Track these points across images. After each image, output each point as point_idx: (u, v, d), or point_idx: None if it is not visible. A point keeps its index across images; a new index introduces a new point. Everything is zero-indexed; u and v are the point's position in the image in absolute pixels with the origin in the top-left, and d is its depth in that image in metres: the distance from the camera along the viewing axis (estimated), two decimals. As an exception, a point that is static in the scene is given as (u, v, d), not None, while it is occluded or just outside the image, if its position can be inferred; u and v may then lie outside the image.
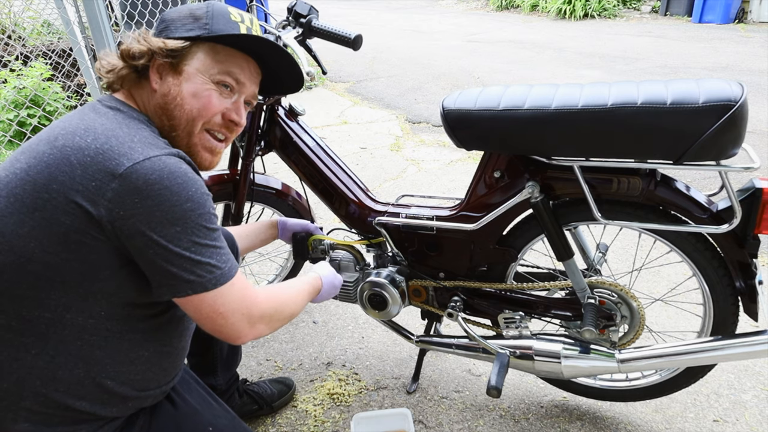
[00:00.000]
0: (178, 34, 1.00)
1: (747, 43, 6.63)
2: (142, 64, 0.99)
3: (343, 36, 1.55)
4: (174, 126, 1.01)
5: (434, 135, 4.25)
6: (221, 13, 1.02)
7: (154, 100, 1.01)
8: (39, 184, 0.83)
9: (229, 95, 1.05)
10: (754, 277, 1.29)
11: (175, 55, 0.99)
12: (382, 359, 1.92)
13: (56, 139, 0.87)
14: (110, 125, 0.90)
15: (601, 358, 1.39)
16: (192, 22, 1.01)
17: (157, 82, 1.00)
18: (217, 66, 1.02)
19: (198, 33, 1.00)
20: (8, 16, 5.01)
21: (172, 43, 0.98)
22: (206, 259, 0.89)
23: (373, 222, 1.59)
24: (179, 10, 1.03)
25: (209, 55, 1.01)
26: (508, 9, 11.32)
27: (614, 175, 1.28)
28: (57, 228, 0.83)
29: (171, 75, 1.00)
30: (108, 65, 1.00)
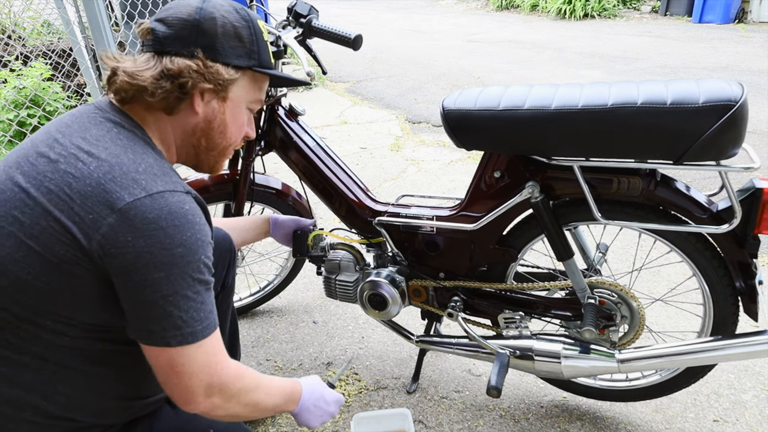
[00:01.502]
0: (229, 59, 0.94)
1: (747, 43, 6.63)
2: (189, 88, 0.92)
3: (343, 36, 1.55)
4: (210, 148, 1.01)
5: (434, 135, 4.25)
6: (260, 34, 1.00)
7: (194, 121, 0.97)
8: (37, 210, 0.80)
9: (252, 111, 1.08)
10: (754, 277, 1.29)
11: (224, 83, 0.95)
12: (382, 359, 1.92)
13: (57, 161, 0.83)
14: (114, 149, 0.85)
15: (601, 358, 1.39)
16: (239, 47, 0.96)
17: (199, 105, 0.95)
18: (255, 93, 1.03)
19: (248, 64, 0.98)
20: (8, 16, 5.01)
21: (227, 75, 0.94)
22: (179, 312, 0.83)
23: (373, 222, 1.59)
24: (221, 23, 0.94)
25: (251, 84, 1.02)
26: (508, 9, 11.32)
27: (614, 175, 1.28)
28: (50, 256, 0.80)
29: (216, 100, 0.97)
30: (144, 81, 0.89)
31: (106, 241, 0.79)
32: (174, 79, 0.90)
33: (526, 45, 7.47)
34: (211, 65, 0.92)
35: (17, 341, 0.86)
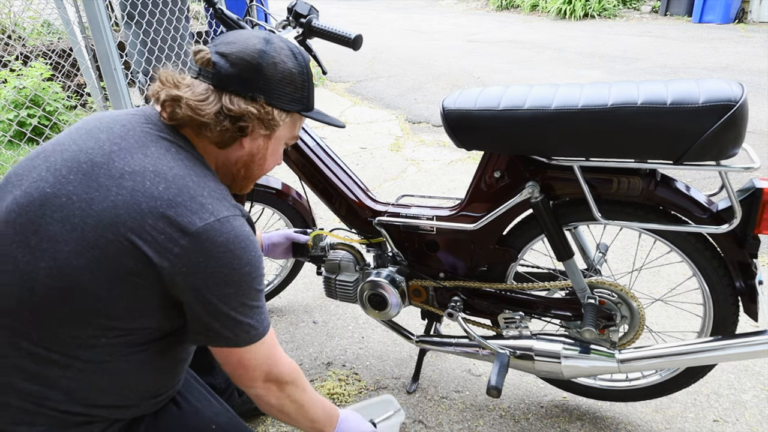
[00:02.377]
0: (283, 105, 1.00)
1: (747, 43, 6.63)
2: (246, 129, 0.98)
3: (343, 36, 1.55)
4: (247, 177, 1.07)
5: (434, 135, 4.25)
6: (311, 79, 1.05)
7: (238, 154, 1.02)
8: (104, 223, 0.82)
9: None
10: (754, 277, 1.29)
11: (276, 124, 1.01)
12: (382, 359, 1.92)
13: (122, 176, 0.85)
14: (179, 170, 0.89)
15: (601, 358, 1.39)
16: (293, 92, 1.01)
17: (246, 141, 1.01)
18: (294, 131, 1.09)
19: (298, 108, 1.03)
20: (8, 16, 5.01)
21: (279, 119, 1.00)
22: (247, 320, 0.94)
23: (373, 222, 1.59)
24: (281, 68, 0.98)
25: (293, 123, 1.07)
26: (508, 9, 11.32)
27: (614, 175, 1.28)
28: (116, 267, 0.83)
29: (262, 137, 1.02)
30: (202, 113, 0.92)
31: (178, 261, 0.84)
32: (235, 120, 0.95)
33: (526, 45, 7.47)
34: (269, 110, 0.98)
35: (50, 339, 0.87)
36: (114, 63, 2.43)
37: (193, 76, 0.96)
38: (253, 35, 0.98)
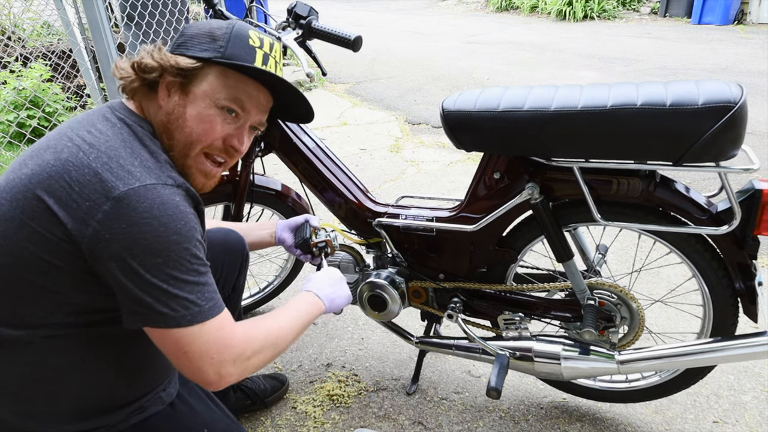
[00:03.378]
0: (192, 52, 0.98)
1: (746, 45, 6.64)
2: (152, 78, 0.98)
3: (343, 37, 1.55)
4: (171, 146, 0.99)
5: (434, 136, 4.26)
6: (239, 35, 1.00)
7: (159, 116, 0.99)
8: (38, 194, 0.85)
9: (234, 121, 1.02)
10: (754, 279, 1.29)
11: (186, 74, 0.97)
12: (381, 360, 1.92)
13: (62, 150, 0.88)
14: (114, 142, 0.90)
15: (600, 360, 1.39)
16: (208, 42, 0.98)
17: (164, 99, 0.99)
18: (225, 91, 0.99)
19: (210, 55, 0.97)
20: (8, 18, 5.01)
21: (184, 62, 0.96)
22: (185, 294, 0.87)
23: (373, 223, 1.59)
24: (200, 26, 1.00)
25: (219, 79, 0.99)
26: (507, 10, 11.32)
27: (614, 177, 1.28)
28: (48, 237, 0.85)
29: (178, 94, 0.99)
30: (122, 72, 1.00)
31: (101, 227, 0.83)
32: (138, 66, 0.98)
33: (525, 46, 7.48)
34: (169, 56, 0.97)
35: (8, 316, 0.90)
36: (114, 64, 2.43)
37: None
38: None
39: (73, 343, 0.93)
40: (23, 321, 0.90)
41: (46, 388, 0.94)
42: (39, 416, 0.95)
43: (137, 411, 1.04)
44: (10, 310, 0.89)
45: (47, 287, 0.88)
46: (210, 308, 0.91)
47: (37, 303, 0.89)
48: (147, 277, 0.85)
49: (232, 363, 0.93)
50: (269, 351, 1.01)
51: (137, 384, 1.04)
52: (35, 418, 0.95)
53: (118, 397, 1.01)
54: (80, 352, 0.94)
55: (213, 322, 0.91)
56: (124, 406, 1.02)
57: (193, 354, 0.89)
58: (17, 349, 0.91)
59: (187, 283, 0.88)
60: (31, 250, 0.85)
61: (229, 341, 0.93)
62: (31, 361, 0.92)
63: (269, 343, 1.01)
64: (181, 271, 0.87)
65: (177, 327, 0.87)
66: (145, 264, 0.84)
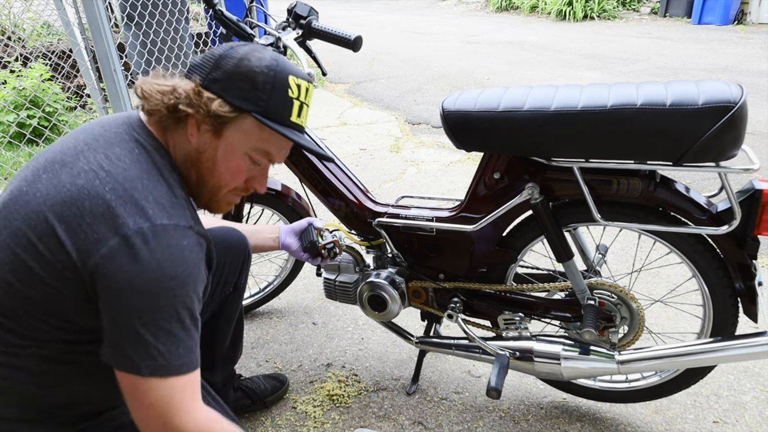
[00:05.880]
0: (230, 98, 0.93)
1: (746, 45, 6.64)
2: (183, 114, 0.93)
3: (343, 37, 1.55)
4: (200, 183, 0.99)
5: (434, 136, 4.26)
6: (281, 87, 0.95)
7: (186, 149, 0.97)
8: (48, 218, 0.84)
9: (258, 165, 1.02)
10: (754, 279, 1.29)
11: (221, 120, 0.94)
12: (381, 360, 1.92)
13: (78, 175, 0.86)
14: (132, 172, 0.88)
15: (600, 360, 1.39)
16: (249, 90, 0.93)
17: (193, 135, 0.96)
18: (257, 143, 0.98)
19: (251, 108, 0.94)
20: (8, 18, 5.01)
21: (222, 111, 0.92)
22: (157, 343, 0.83)
23: (373, 223, 1.59)
24: (240, 63, 0.93)
25: (254, 131, 0.97)
26: (507, 10, 11.32)
27: (614, 177, 1.28)
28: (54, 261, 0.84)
29: (209, 135, 0.95)
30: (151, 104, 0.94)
31: (103, 261, 0.82)
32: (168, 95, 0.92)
33: (525, 46, 7.48)
34: (203, 93, 0.92)
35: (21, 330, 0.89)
36: (114, 64, 2.44)
37: None
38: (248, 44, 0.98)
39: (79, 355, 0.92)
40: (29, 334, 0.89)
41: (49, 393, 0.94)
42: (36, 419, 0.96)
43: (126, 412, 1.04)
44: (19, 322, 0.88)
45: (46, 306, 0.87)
46: (178, 366, 0.85)
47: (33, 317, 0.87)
48: (128, 318, 0.82)
49: None
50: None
51: None
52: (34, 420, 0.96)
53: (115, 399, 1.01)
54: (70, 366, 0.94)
55: (176, 380, 0.85)
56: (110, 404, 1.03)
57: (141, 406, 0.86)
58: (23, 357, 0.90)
59: (165, 333, 0.84)
60: (36, 272, 0.84)
61: (183, 410, 0.86)
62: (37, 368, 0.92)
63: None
64: (164, 318, 0.84)
65: (135, 374, 0.84)
66: (132, 305, 0.82)
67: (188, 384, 0.87)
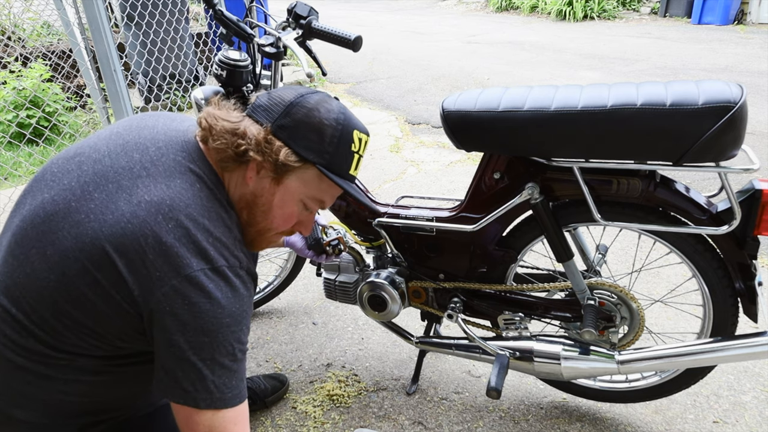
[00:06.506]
0: (296, 147, 0.94)
1: (746, 45, 6.64)
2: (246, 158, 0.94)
3: (343, 37, 1.55)
4: (250, 223, 1.00)
5: (434, 136, 4.26)
6: (346, 141, 0.97)
7: (243, 191, 0.98)
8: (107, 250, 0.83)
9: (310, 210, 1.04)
10: (754, 279, 1.29)
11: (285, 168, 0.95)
12: (381, 360, 1.92)
13: (139, 205, 0.85)
14: (194, 210, 0.88)
15: (600, 360, 1.39)
16: (316, 141, 0.94)
17: (252, 178, 0.96)
18: (315, 193, 1.00)
19: (315, 160, 0.95)
20: (8, 18, 5.01)
21: (289, 160, 0.93)
22: (214, 377, 0.87)
23: (373, 223, 1.59)
24: (311, 114, 0.94)
25: (313, 181, 0.98)
26: (507, 10, 11.32)
27: (614, 177, 1.28)
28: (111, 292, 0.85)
29: (269, 179, 0.96)
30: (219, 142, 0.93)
31: (165, 299, 0.83)
32: (237, 137, 0.92)
33: (525, 46, 7.48)
34: (273, 142, 0.93)
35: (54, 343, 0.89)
36: (114, 64, 2.44)
37: None
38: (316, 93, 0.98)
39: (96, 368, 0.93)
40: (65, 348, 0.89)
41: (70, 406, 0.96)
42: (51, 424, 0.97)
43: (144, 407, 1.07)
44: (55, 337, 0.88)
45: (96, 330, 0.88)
46: (231, 397, 0.89)
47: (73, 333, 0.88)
48: (188, 353, 0.85)
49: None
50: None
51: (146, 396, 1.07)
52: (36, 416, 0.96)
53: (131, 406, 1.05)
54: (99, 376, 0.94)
55: (229, 412, 0.89)
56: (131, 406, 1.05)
57: None
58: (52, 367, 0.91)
59: (222, 367, 0.88)
60: (89, 297, 0.85)
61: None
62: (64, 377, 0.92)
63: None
64: (221, 353, 0.87)
65: (194, 407, 0.87)
66: (192, 341, 0.85)
67: (240, 415, 0.91)
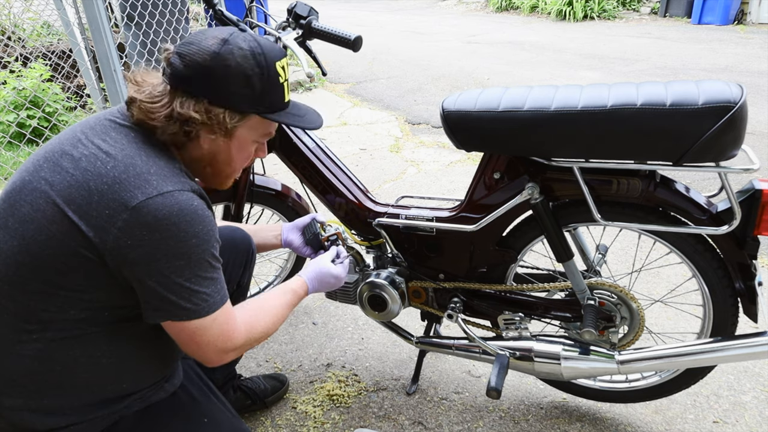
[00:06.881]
0: (234, 105, 0.99)
1: (746, 45, 6.64)
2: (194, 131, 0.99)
3: (343, 37, 1.55)
4: (216, 173, 1.08)
5: (434, 136, 4.26)
6: (273, 77, 1.01)
7: (199, 154, 1.03)
8: (59, 201, 0.89)
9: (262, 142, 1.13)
10: (754, 279, 1.29)
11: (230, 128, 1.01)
12: (381, 360, 1.92)
13: (80, 159, 0.91)
14: (130, 150, 0.93)
15: (600, 360, 1.39)
16: (249, 94, 0.99)
17: (206, 142, 1.02)
18: (262, 130, 1.08)
19: (255, 110, 1.02)
20: (8, 18, 5.01)
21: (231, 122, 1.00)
22: (203, 288, 0.95)
23: (373, 223, 1.59)
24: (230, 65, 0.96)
25: (259, 123, 1.06)
26: (507, 10, 11.32)
27: (614, 177, 1.28)
28: (67, 243, 0.88)
29: (221, 138, 1.02)
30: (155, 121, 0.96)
31: (122, 234, 0.87)
32: (182, 124, 0.97)
33: (525, 46, 7.48)
34: (215, 112, 0.98)
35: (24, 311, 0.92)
36: (114, 64, 2.44)
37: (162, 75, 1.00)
38: (212, 35, 0.98)
39: (83, 338, 0.95)
40: (36, 316, 0.92)
41: (53, 381, 0.96)
42: (46, 407, 0.97)
43: (139, 400, 1.06)
44: (24, 305, 0.91)
45: (63, 286, 0.91)
46: (221, 298, 0.98)
47: (52, 300, 0.91)
48: (172, 277, 0.91)
49: (232, 350, 1.03)
50: (264, 338, 1.12)
51: (142, 377, 1.06)
52: (42, 410, 0.97)
53: (123, 389, 1.03)
54: (89, 348, 0.96)
55: (221, 312, 0.98)
56: (126, 397, 1.04)
57: (202, 343, 0.98)
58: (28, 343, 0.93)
59: (206, 279, 0.95)
60: (50, 252, 0.89)
61: (233, 333, 1.02)
62: (40, 355, 0.94)
63: (266, 333, 1.12)
64: (201, 269, 0.94)
65: (196, 318, 0.95)
66: (169, 266, 0.90)
67: (229, 309, 1.01)
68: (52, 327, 0.93)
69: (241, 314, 1.07)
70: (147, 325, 1.00)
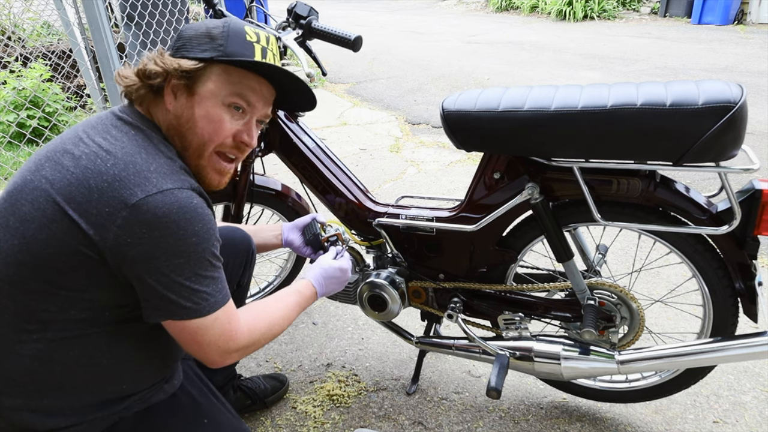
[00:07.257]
0: (193, 54, 1.00)
1: (746, 45, 6.64)
2: (157, 83, 1.00)
3: (343, 37, 1.55)
4: (185, 147, 1.03)
5: (434, 136, 4.26)
6: (237, 32, 1.02)
7: (168, 120, 1.03)
8: (59, 200, 0.89)
9: (241, 116, 1.06)
10: (754, 279, 1.29)
11: (189, 76, 1.00)
12: (381, 360, 1.92)
13: (80, 157, 0.91)
14: (130, 148, 0.93)
15: (600, 360, 1.39)
16: (207, 42, 1.01)
17: (171, 103, 1.02)
18: (229, 87, 1.02)
19: (211, 54, 1.00)
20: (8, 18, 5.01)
21: (186, 64, 0.99)
22: (203, 287, 0.95)
23: (373, 223, 1.59)
24: (196, 27, 1.02)
25: (222, 77, 1.02)
26: (507, 10, 11.33)
27: (614, 177, 1.28)
28: (68, 242, 0.88)
29: (185, 96, 1.01)
30: (125, 81, 1.01)
31: (122, 232, 0.87)
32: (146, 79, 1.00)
33: (525, 46, 7.48)
34: (171, 59, 1.00)
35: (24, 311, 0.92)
36: (114, 64, 2.44)
37: None
38: None
39: (83, 339, 0.95)
40: (36, 316, 0.92)
41: (53, 381, 0.96)
42: (46, 408, 0.97)
43: (139, 401, 1.06)
44: (24, 304, 0.91)
45: (64, 285, 0.91)
46: (222, 297, 0.98)
47: (52, 299, 0.91)
48: (171, 276, 0.91)
49: (235, 351, 1.02)
50: (267, 340, 1.11)
51: (142, 378, 1.06)
52: (42, 410, 0.97)
53: (123, 390, 1.03)
54: (89, 348, 0.96)
55: (223, 312, 0.98)
56: (126, 398, 1.04)
57: (204, 343, 0.98)
58: (28, 343, 0.93)
59: (206, 278, 0.95)
60: (51, 251, 0.88)
61: (235, 333, 1.01)
62: (40, 355, 0.94)
63: (269, 335, 1.10)
64: (201, 268, 0.94)
65: (197, 318, 0.94)
66: (169, 265, 0.90)
67: (231, 309, 1.01)
68: (53, 327, 0.93)
69: (245, 316, 1.06)
70: (147, 326, 0.99)
